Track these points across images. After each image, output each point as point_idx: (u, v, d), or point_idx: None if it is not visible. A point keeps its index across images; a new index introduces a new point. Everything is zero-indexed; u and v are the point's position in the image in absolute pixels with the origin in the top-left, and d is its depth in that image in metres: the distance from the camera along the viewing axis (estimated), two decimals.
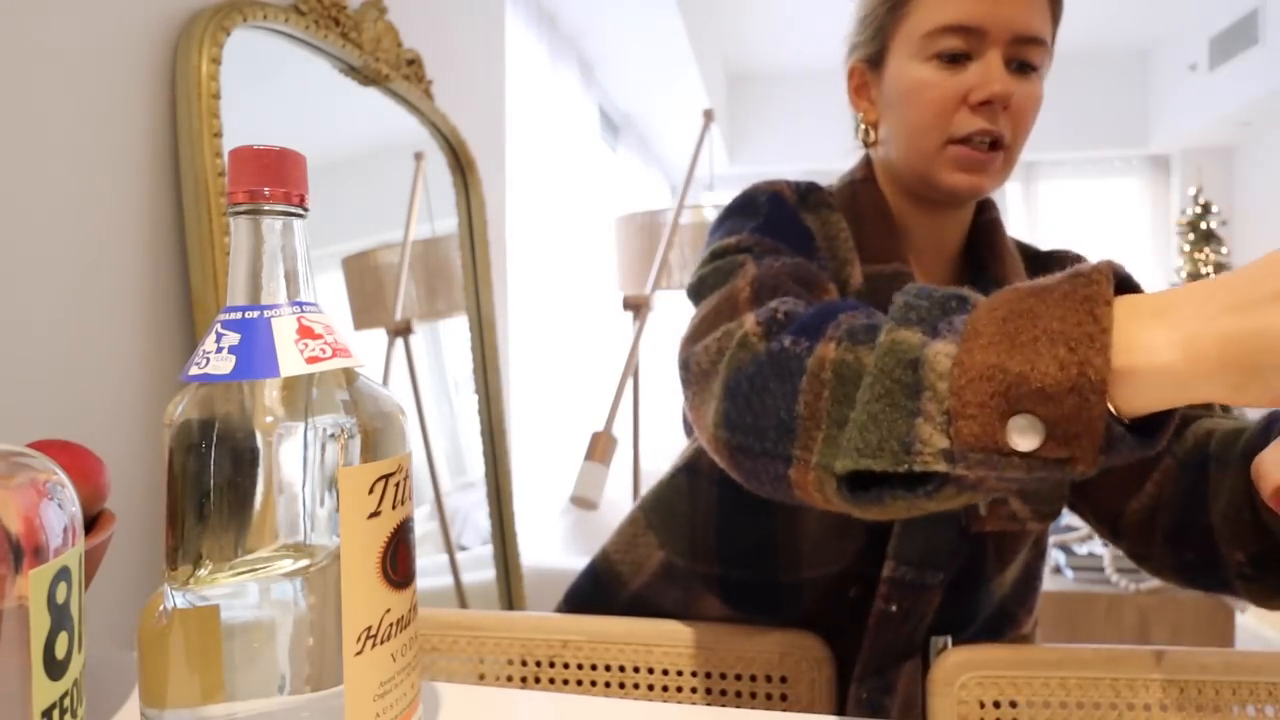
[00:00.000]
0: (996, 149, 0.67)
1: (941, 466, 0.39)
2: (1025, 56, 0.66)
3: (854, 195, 0.74)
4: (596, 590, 0.82)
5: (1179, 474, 0.64)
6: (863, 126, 0.75)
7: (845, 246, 0.71)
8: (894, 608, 0.70)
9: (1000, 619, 0.77)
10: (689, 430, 0.80)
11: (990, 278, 0.73)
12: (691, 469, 0.77)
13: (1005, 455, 0.37)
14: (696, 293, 0.65)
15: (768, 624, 0.74)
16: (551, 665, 0.74)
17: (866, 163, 0.76)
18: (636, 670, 0.73)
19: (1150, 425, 0.38)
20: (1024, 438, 0.36)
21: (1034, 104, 0.68)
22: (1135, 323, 0.37)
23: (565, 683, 0.74)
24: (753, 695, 0.71)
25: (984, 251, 0.75)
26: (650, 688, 0.72)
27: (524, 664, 0.75)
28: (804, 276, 0.60)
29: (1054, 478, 0.38)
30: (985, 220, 0.77)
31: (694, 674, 0.72)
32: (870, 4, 0.72)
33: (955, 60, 0.66)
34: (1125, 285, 0.41)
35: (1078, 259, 0.78)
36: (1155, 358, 0.35)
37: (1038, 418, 0.36)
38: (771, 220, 0.68)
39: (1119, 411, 0.37)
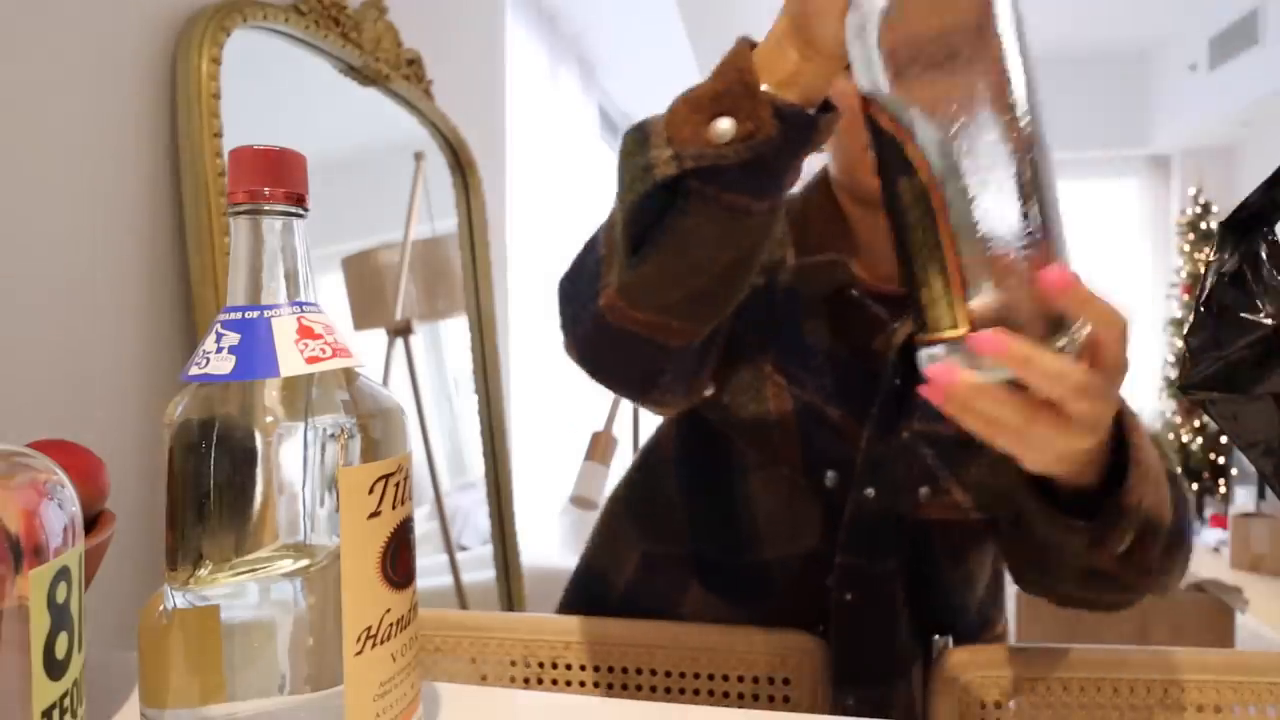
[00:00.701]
0: None
1: (673, 168, 0.49)
2: None
3: (807, 197, 0.77)
4: (588, 601, 0.82)
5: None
6: None
7: (779, 230, 0.73)
8: (849, 596, 0.70)
9: (980, 623, 0.78)
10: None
11: None
12: (649, 457, 0.81)
13: (714, 146, 0.48)
14: None
15: (751, 611, 0.74)
16: (554, 666, 0.74)
17: (825, 165, 0.78)
18: (639, 671, 0.73)
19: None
20: (724, 132, 0.48)
21: None
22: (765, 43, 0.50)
23: (568, 684, 0.74)
24: (755, 697, 0.71)
25: None
26: (653, 689, 0.72)
27: (526, 665, 0.75)
28: None
29: (756, 170, 0.49)
30: None
31: (695, 675, 0.72)
32: None
33: None
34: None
35: None
36: (774, 37, 0.49)
37: (725, 114, 0.48)
38: None
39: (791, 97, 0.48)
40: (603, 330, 0.57)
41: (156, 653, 0.37)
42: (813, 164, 0.74)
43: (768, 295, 0.72)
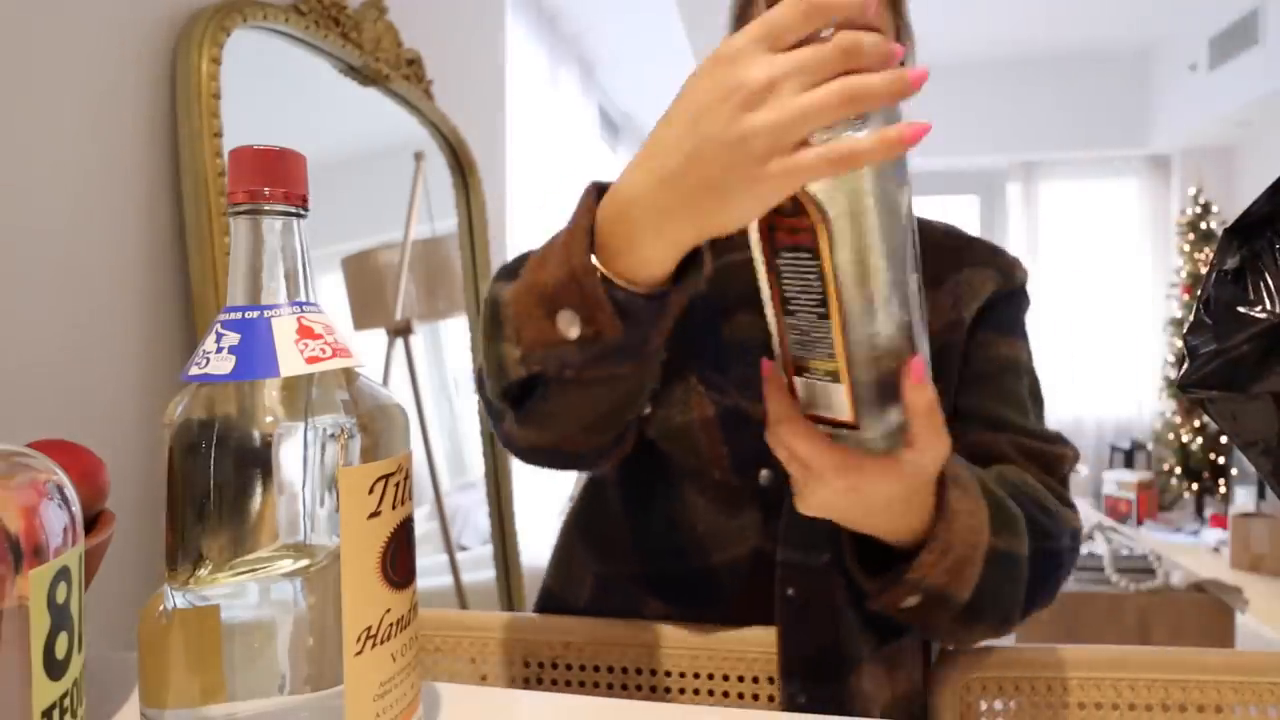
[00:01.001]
0: None
1: (522, 371, 0.50)
2: None
3: None
4: None
5: None
6: None
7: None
8: (791, 591, 0.70)
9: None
10: None
11: None
12: (594, 481, 0.81)
13: (559, 345, 0.47)
14: None
15: (711, 618, 0.73)
16: (554, 666, 0.74)
17: None
18: (639, 672, 0.73)
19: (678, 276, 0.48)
20: (571, 328, 0.47)
21: None
22: (612, 209, 0.46)
23: (568, 684, 0.74)
24: (754, 697, 0.71)
25: None
26: (653, 689, 0.72)
27: (526, 665, 0.75)
28: None
29: (610, 355, 0.48)
30: None
31: (696, 675, 0.72)
32: (730, 12, 0.74)
33: None
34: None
35: (992, 252, 0.77)
36: (630, 214, 0.44)
37: (571, 310, 0.46)
38: None
39: (633, 280, 0.46)
40: (519, 453, 0.62)
41: (156, 653, 0.37)
42: None
43: (688, 308, 0.72)
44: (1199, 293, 0.50)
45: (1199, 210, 4.77)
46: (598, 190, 0.48)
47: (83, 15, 0.84)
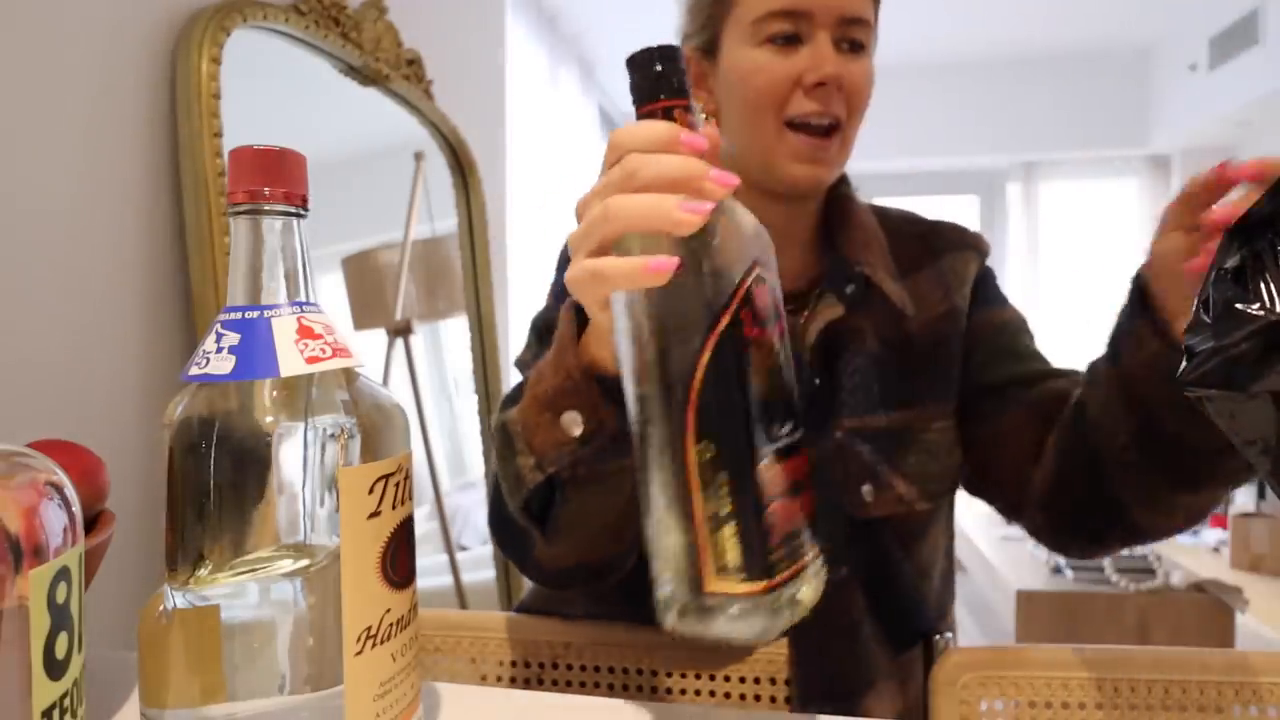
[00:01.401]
0: (833, 133, 0.68)
1: (539, 475, 0.51)
2: (853, 36, 0.67)
3: None
4: None
5: (1062, 424, 0.67)
6: (703, 117, 0.74)
7: None
8: None
9: (937, 615, 0.76)
10: None
11: (843, 259, 0.72)
12: None
13: (568, 444, 0.50)
14: (520, 370, 0.75)
15: (683, 654, 0.73)
16: (555, 667, 0.74)
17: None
18: (640, 672, 0.73)
19: None
20: (575, 426, 0.49)
21: (866, 81, 0.69)
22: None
23: (569, 684, 0.74)
24: (756, 698, 0.71)
25: (834, 231, 0.75)
26: (654, 690, 0.72)
27: (527, 665, 0.75)
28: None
29: (618, 445, 0.48)
30: (833, 198, 0.76)
31: (697, 676, 0.72)
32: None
33: (787, 42, 0.67)
34: None
35: (962, 233, 0.79)
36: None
37: (573, 409, 0.49)
38: (559, 280, 0.76)
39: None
40: (548, 577, 0.65)
41: (156, 653, 0.37)
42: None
43: None
44: (1198, 292, 0.49)
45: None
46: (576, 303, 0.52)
47: (83, 15, 0.84)
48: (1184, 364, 0.50)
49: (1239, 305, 0.47)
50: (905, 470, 0.70)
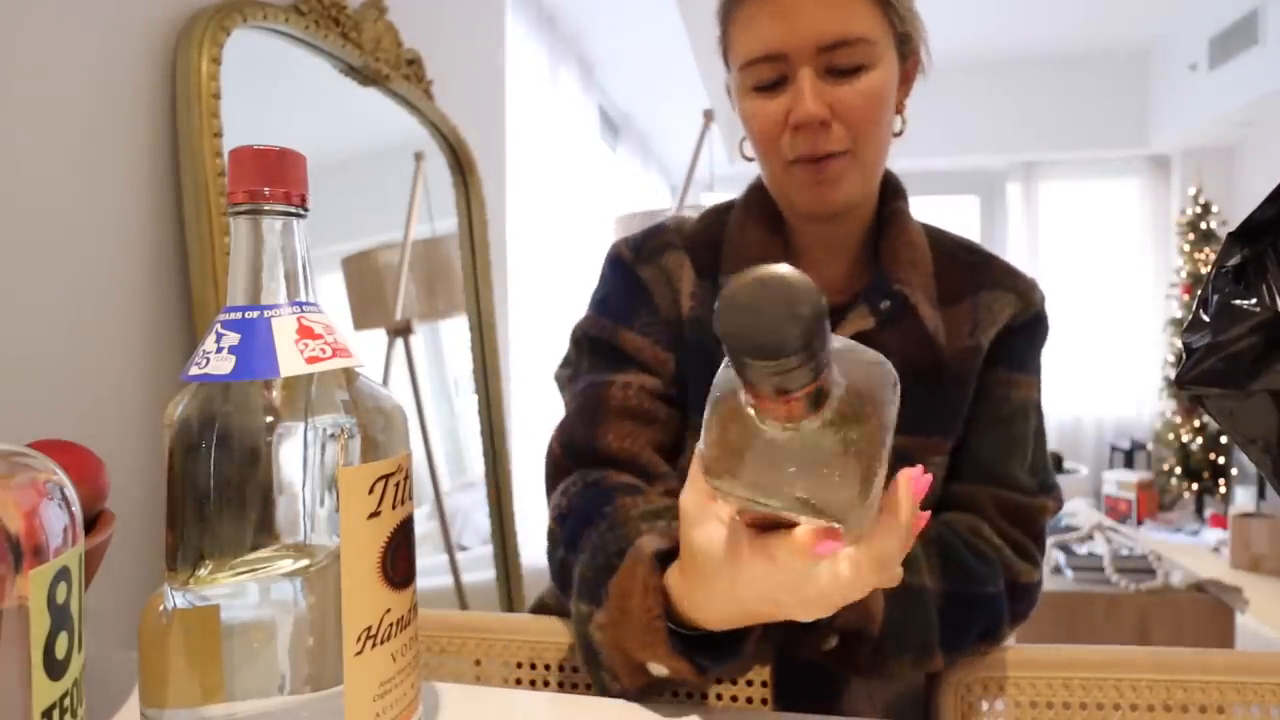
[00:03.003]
0: (840, 158, 0.66)
1: (634, 693, 0.55)
2: (840, 62, 0.64)
3: (745, 206, 0.76)
4: None
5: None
6: (743, 142, 0.74)
7: (680, 275, 0.74)
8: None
9: None
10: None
11: (884, 275, 0.71)
12: None
13: (655, 680, 0.52)
14: (560, 384, 0.76)
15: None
16: (561, 669, 0.74)
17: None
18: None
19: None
20: (660, 669, 0.51)
21: (867, 101, 0.65)
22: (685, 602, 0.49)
23: (574, 686, 0.74)
24: (764, 701, 0.71)
25: (882, 247, 0.73)
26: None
27: (532, 667, 0.75)
28: (588, 411, 0.71)
29: (693, 680, 0.52)
30: (887, 212, 0.74)
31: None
32: (717, 39, 0.74)
33: (774, 86, 0.66)
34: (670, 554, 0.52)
35: (1013, 276, 0.74)
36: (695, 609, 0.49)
37: (658, 663, 0.51)
38: (607, 292, 0.76)
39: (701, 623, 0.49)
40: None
41: (156, 653, 0.37)
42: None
43: (708, 353, 0.71)
44: (1199, 293, 0.49)
45: (1199, 210, 4.77)
46: (656, 563, 0.52)
47: (83, 15, 0.84)
48: (1183, 362, 0.50)
49: (1238, 302, 0.47)
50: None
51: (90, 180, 0.85)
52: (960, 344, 0.71)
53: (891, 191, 0.75)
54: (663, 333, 0.73)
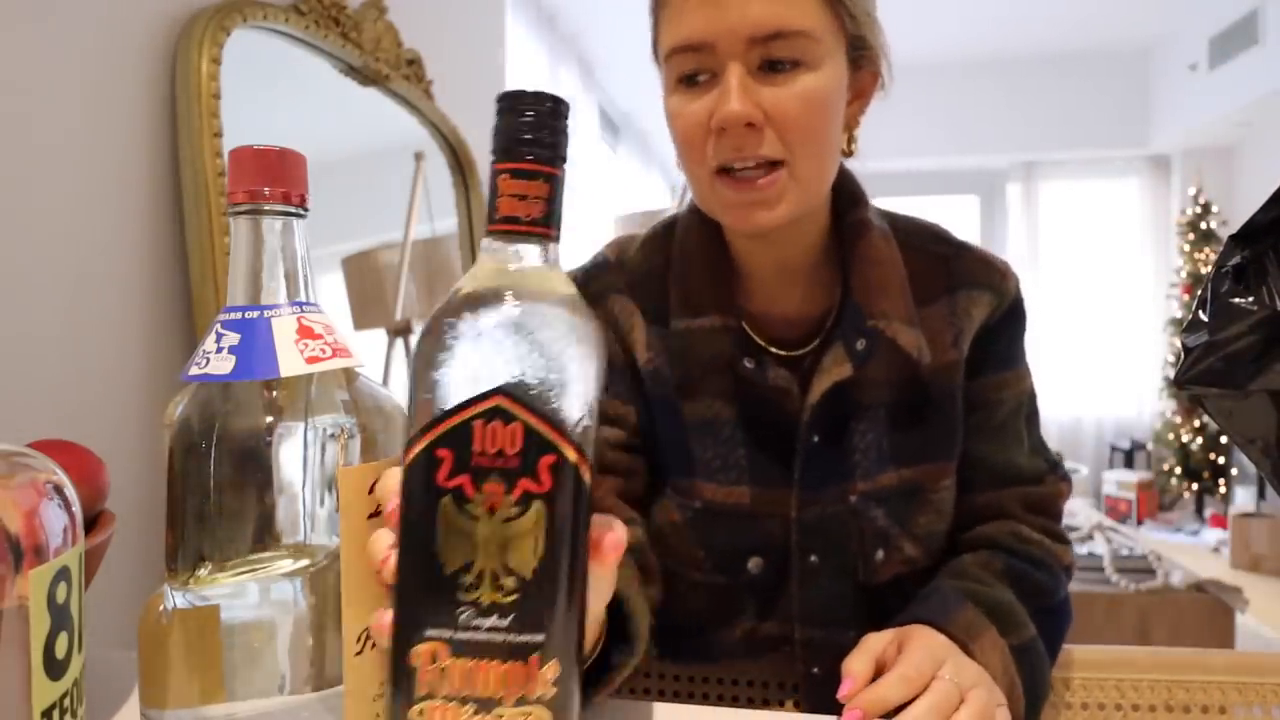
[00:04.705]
0: (773, 170, 0.58)
1: None
2: (776, 55, 0.57)
3: (684, 236, 0.70)
4: None
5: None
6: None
7: (630, 324, 0.69)
8: (816, 670, 0.67)
9: None
10: None
11: (856, 307, 0.65)
12: None
13: None
14: None
15: (711, 672, 0.72)
16: None
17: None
18: (648, 675, 0.73)
19: None
20: None
21: (804, 105, 0.57)
22: None
23: None
24: (765, 702, 0.71)
25: (847, 268, 0.67)
26: (661, 693, 0.72)
27: None
28: None
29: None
30: (847, 226, 0.67)
31: (704, 680, 0.72)
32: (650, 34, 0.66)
33: (699, 81, 0.58)
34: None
35: (987, 268, 0.69)
36: None
37: None
38: None
39: None
40: None
41: (156, 653, 0.37)
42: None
43: (650, 395, 0.68)
44: (1198, 294, 0.49)
45: (1199, 210, 4.76)
46: None
47: (83, 15, 0.84)
48: (1181, 361, 0.50)
49: (1237, 301, 0.47)
50: (915, 532, 0.66)
51: (90, 180, 0.85)
52: (945, 357, 0.67)
53: (848, 200, 0.68)
54: (619, 384, 0.68)
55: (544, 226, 0.34)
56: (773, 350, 0.68)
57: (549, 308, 0.33)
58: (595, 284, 0.71)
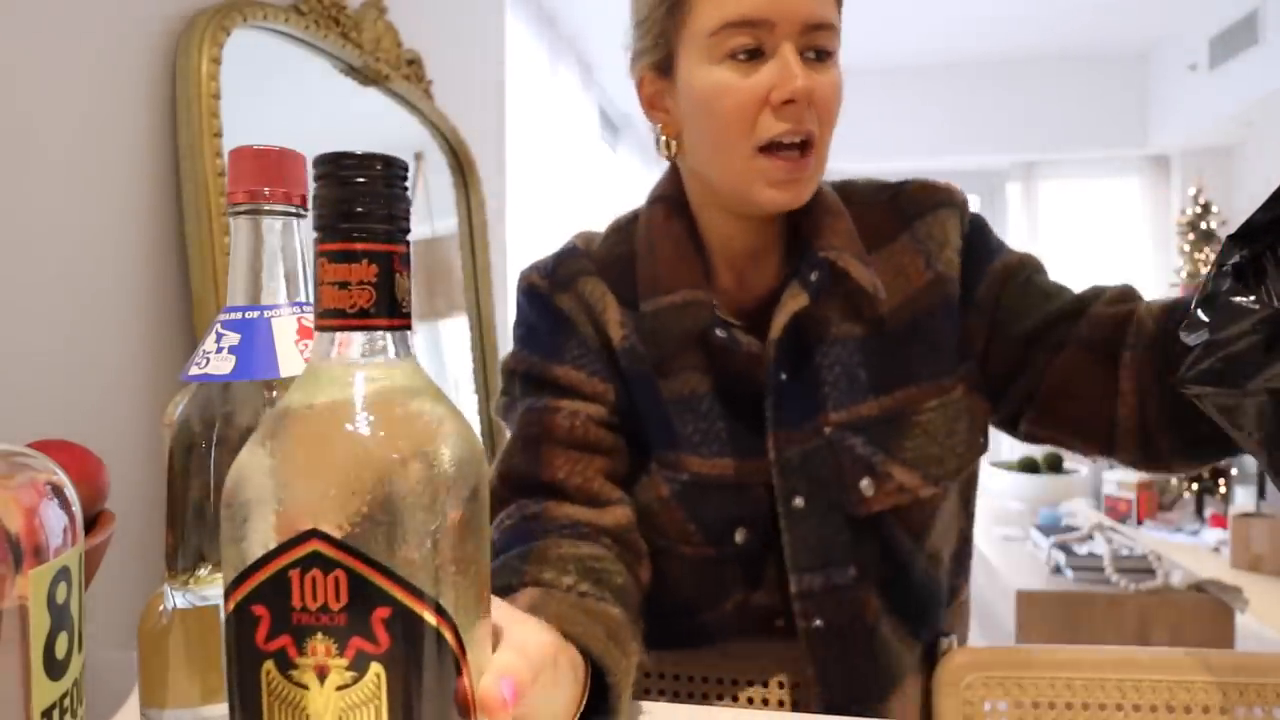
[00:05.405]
0: (807, 151, 0.63)
1: None
2: (819, 44, 0.62)
3: (648, 223, 0.71)
4: None
5: (1146, 354, 0.62)
6: (663, 139, 0.69)
7: (603, 304, 0.70)
8: (818, 622, 0.66)
9: (949, 596, 0.74)
10: None
11: (807, 246, 0.68)
12: None
13: None
14: (500, 415, 0.73)
15: (701, 661, 0.72)
16: None
17: (672, 177, 0.72)
18: (647, 676, 0.73)
19: None
20: None
21: (836, 93, 0.64)
22: None
23: None
24: (764, 701, 0.71)
25: (801, 222, 0.69)
26: (661, 692, 0.72)
27: None
28: (530, 440, 0.67)
29: None
30: None
31: (704, 680, 0.72)
32: (646, 6, 0.66)
33: (750, 58, 0.61)
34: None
35: (932, 191, 0.72)
36: None
37: None
38: (529, 326, 0.72)
39: None
40: None
41: (156, 653, 0.37)
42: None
43: (628, 375, 0.69)
44: (1197, 294, 0.49)
45: (1199, 210, 4.76)
46: None
47: (83, 15, 0.84)
48: (1185, 362, 0.50)
49: (1237, 299, 0.47)
50: (904, 457, 0.66)
51: (90, 180, 0.85)
52: (918, 281, 0.68)
53: None
54: (596, 363, 0.69)
55: (375, 317, 0.28)
56: (739, 323, 0.69)
57: (375, 419, 0.27)
58: (564, 269, 0.72)
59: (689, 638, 0.71)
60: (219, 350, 0.37)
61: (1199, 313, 0.49)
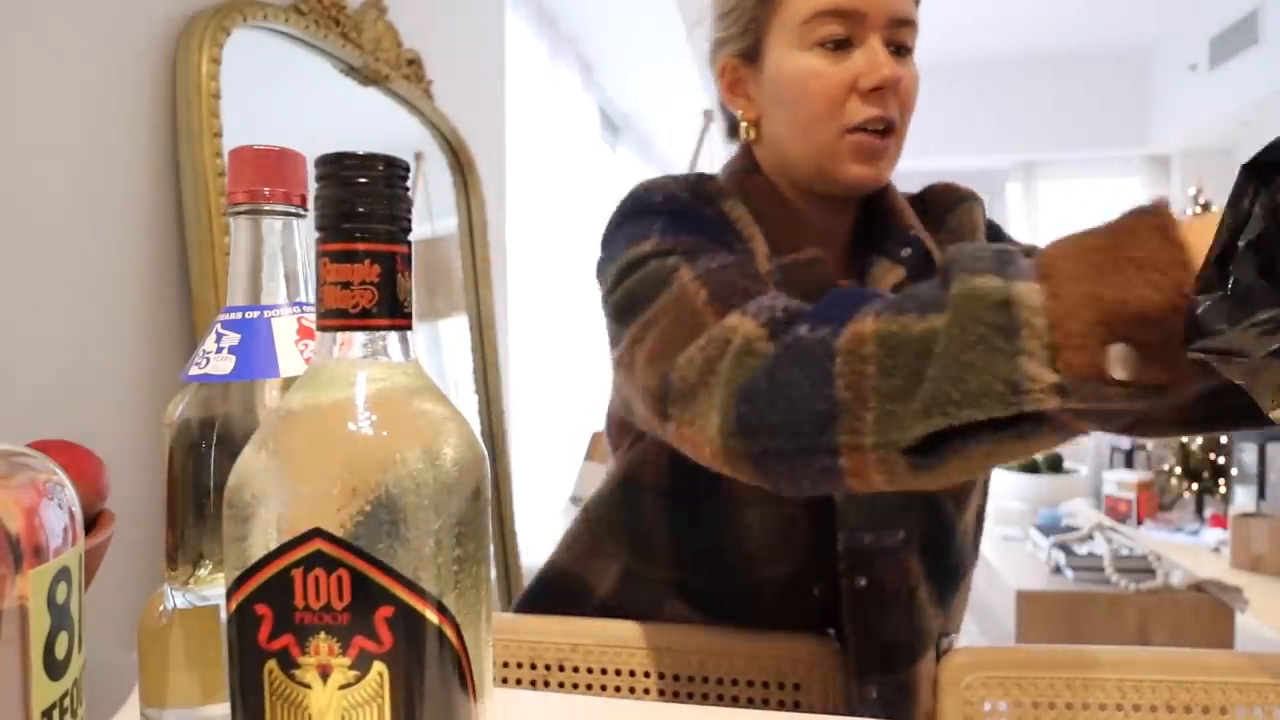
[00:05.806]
0: (889, 135, 0.67)
1: (1054, 403, 0.38)
2: (902, 39, 0.67)
3: (745, 187, 0.72)
4: (557, 602, 0.78)
5: None
6: (743, 124, 0.73)
7: (750, 232, 0.68)
8: (862, 581, 0.67)
9: (966, 571, 0.77)
10: (617, 443, 0.78)
11: (892, 226, 0.72)
12: (630, 482, 0.74)
13: (1110, 385, 0.37)
14: (626, 309, 0.61)
15: (734, 626, 0.72)
16: (561, 669, 0.74)
17: (746, 154, 0.74)
18: (647, 675, 0.73)
19: None
20: (1119, 366, 0.36)
21: (916, 85, 0.69)
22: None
23: (575, 686, 0.73)
24: (765, 702, 0.71)
25: (877, 225, 0.73)
26: (661, 693, 0.72)
27: (533, 667, 0.74)
28: (750, 270, 0.58)
29: (1145, 408, 0.38)
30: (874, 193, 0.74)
31: (704, 679, 0.72)
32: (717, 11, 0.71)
33: (839, 47, 0.66)
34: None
35: (954, 188, 0.78)
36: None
37: (1133, 345, 0.37)
38: (676, 218, 0.64)
39: None
40: (828, 482, 0.48)
41: (156, 653, 0.37)
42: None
43: None
44: (1208, 252, 0.40)
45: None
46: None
47: (83, 15, 0.84)
48: (1189, 325, 0.42)
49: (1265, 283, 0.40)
50: None
51: (90, 180, 0.85)
52: None
53: None
54: (751, 264, 0.63)
55: (377, 317, 0.29)
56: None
57: (378, 418, 0.28)
58: (705, 187, 0.70)
59: (731, 598, 0.72)
60: (219, 350, 0.37)
61: (1215, 274, 0.41)
